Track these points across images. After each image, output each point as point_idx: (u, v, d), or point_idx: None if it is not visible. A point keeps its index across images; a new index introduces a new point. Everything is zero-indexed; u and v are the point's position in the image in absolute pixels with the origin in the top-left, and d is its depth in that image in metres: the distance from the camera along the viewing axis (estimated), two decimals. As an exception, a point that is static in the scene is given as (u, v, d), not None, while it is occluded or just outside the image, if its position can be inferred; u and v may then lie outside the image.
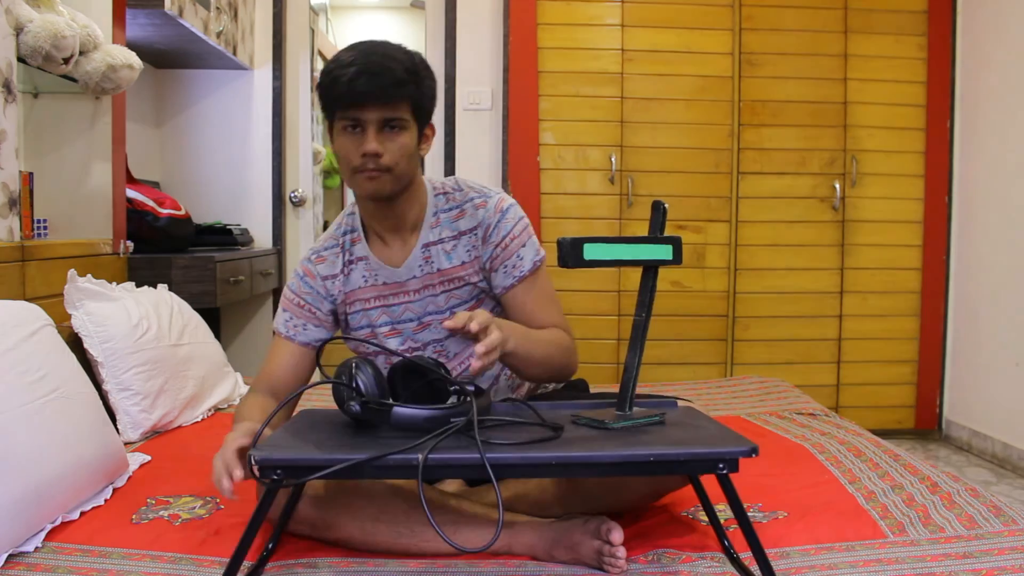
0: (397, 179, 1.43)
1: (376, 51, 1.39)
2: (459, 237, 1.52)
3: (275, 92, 3.49)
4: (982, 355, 3.31)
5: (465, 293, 1.53)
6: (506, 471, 1.09)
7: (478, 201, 1.53)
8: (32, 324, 1.53)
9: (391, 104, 1.38)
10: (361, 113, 1.38)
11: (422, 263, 1.52)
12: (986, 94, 3.30)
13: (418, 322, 1.54)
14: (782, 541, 1.33)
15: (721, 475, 1.05)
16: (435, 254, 1.52)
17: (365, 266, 1.54)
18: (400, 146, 1.41)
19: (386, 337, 1.55)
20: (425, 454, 1.03)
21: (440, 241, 1.52)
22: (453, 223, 1.53)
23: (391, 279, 1.53)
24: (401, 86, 1.38)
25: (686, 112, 3.44)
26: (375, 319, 1.55)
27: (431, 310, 1.53)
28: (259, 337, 3.54)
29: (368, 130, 1.39)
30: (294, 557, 1.28)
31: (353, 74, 1.35)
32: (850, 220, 3.47)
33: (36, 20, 1.96)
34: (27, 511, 1.30)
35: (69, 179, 2.36)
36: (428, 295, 1.53)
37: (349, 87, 1.36)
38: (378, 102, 1.37)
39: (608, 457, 1.06)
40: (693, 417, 1.25)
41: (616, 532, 1.20)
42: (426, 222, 1.53)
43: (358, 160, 1.40)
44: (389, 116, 1.39)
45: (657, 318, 3.53)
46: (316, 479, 1.06)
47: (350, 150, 1.41)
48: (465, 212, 1.53)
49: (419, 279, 1.53)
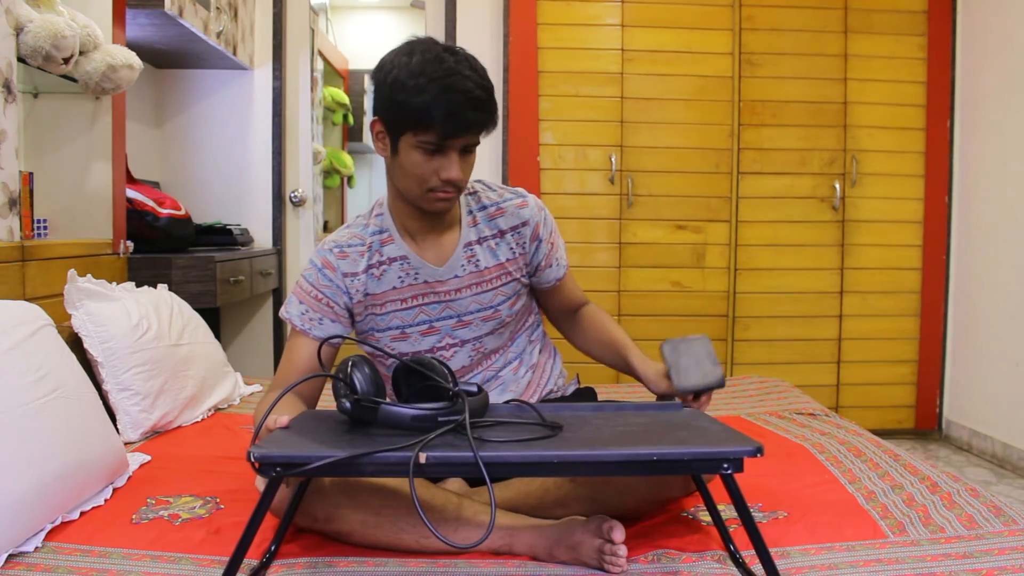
0: (460, 193, 1.46)
1: (464, 75, 1.35)
2: (502, 235, 1.56)
3: (275, 92, 3.49)
4: (982, 355, 3.31)
5: (509, 289, 1.58)
6: (502, 469, 1.08)
7: (517, 201, 1.58)
8: (32, 324, 1.53)
9: (479, 133, 1.40)
10: (454, 142, 1.38)
11: (465, 262, 1.54)
12: (986, 94, 3.30)
13: (458, 319, 1.56)
14: (782, 541, 1.33)
15: (726, 475, 1.05)
16: (479, 252, 1.55)
17: (402, 266, 1.53)
18: (470, 166, 1.45)
19: (422, 336, 1.56)
20: (417, 451, 1.03)
21: (482, 239, 1.55)
22: (491, 221, 1.56)
23: (432, 277, 1.54)
24: (492, 117, 1.39)
25: (686, 112, 3.44)
26: (411, 318, 1.55)
27: (473, 308, 1.56)
28: (259, 337, 3.54)
29: (451, 156, 1.39)
30: (293, 557, 1.28)
31: (467, 103, 1.34)
32: (850, 220, 3.47)
33: (36, 20, 1.96)
34: (27, 511, 1.30)
35: (69, 179, 2.36)
36: (472, 294, 1.55)
37: (460, 118, 1.34)
38: (478, 133, 1.39)
39: (610, 456, 1.05)
40: (697, 418, 1.25)
41: (618, 530, 1.21)
42: (463, 221, 1.55)
43: (436, 182, 1.41)
44: (472, 143, 1.41)
45: (657, 318, 3.55)
46: (304, 473, 1.06)
47: (427, 171, 1.40)
48: (504, 211, 1.56)
49: (461, 278, 1.54)
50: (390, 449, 1.04)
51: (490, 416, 1.26)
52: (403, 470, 1.02)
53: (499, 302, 1.56)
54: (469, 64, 1.38)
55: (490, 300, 1.56)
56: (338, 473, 1.08)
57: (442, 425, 1.12)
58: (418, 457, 1.03)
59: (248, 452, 1.04)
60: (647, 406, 1.34)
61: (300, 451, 1.07)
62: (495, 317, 1.57)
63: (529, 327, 1.70)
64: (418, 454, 1.03)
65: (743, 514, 1.06)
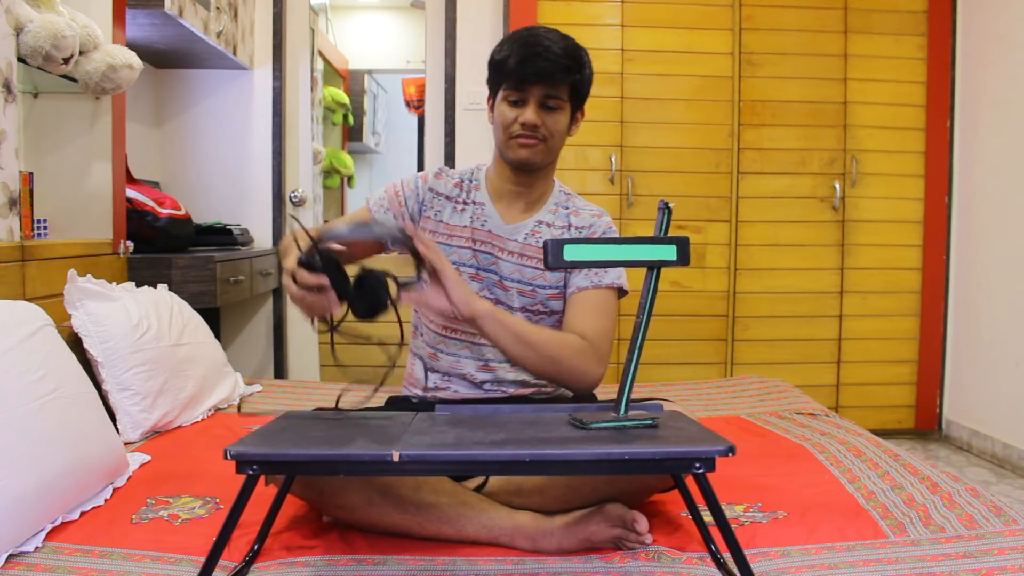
0: (548, 151, 1.61)
1: (548, 36, 1.54)
2: (568, 229, 1.66)
3: (275, 92, 3.49)
4: (982, 355, 3.31)
5: (553, 278, 1.63)
6: (476, 468, 1.10)
7: (595, 212, 1.71)
8: (32, 324, 1.53)
9: (553, 85, 1.54)
10: (527, 90, 1.54)
11: (528, 234, 1.64)
12: (986, 94, 3.30)
13: (500, 279, 1.64)
14: (782, 541, 1.33)
15: (698, 474, 1.05)
16: (544, 233, 1.65)
17: (477, 210, 1.66)
18: (555, 121, 1.58)
19: (470, 279, 1.65)
20: (401, 450, 1.04)
21: (552, 225, 1.66)
22: (568, 216, 1.68)
23: (497, 230, 1.65)
24: (565, 71, 1.53)
25: (686, 112, 3.44)
26: (467, 258, 1.64)
27: (516, 277, 1.63)
28: (259, 337, 3.55)
29: (530, 103, 1.55)
30: (291, 556, 1.28)
31: (529, 55, 1.51)
32: (850, 220, 3.47)
33: (36, 20, 1.95)
34: (27, 511, 1.30)
35: (69, 179, 2.36)
36: (520, 263, 1.63)
37: (521, 66, 1.52)
38: (543, 83, 1.53)
39: (582, 455, 1.06)
40: (675, 419, 1.25)
41: (642, 521, 1.28)
42: (547, 205, 1.69)
43: (516, 128, 1.57)
44: (550, 94, 1.55)
45: (657, 318, 3.54)
46: (279, 471, 1.07)
47: (509, 118, 1.57)
48: (581, 213, 1.69)
49: (520, 244, 1.63)
50: (373, 450, 1.05)
51: (488, 416, 1.27)
52: (379, 468, 1.04)
53: (539, 284, 1.63)
54: (554, 31, 1.57)
55: (531, 277, 1.63)
56: (313, 472, 1.09)
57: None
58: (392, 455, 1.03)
59: (225, 450, 1.05)
60: (632, 407, 1.34)
61: (277, 449, 1.08)
62: (531, 295, 1.63)
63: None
64: (392, 452, 1.03)
65: (716, 514, 1.06)
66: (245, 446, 1.07)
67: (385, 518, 1.32)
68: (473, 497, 1.35)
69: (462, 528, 1.32)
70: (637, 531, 1.27)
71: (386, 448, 1.04)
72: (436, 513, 1.31)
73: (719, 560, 1.26)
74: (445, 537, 1.32)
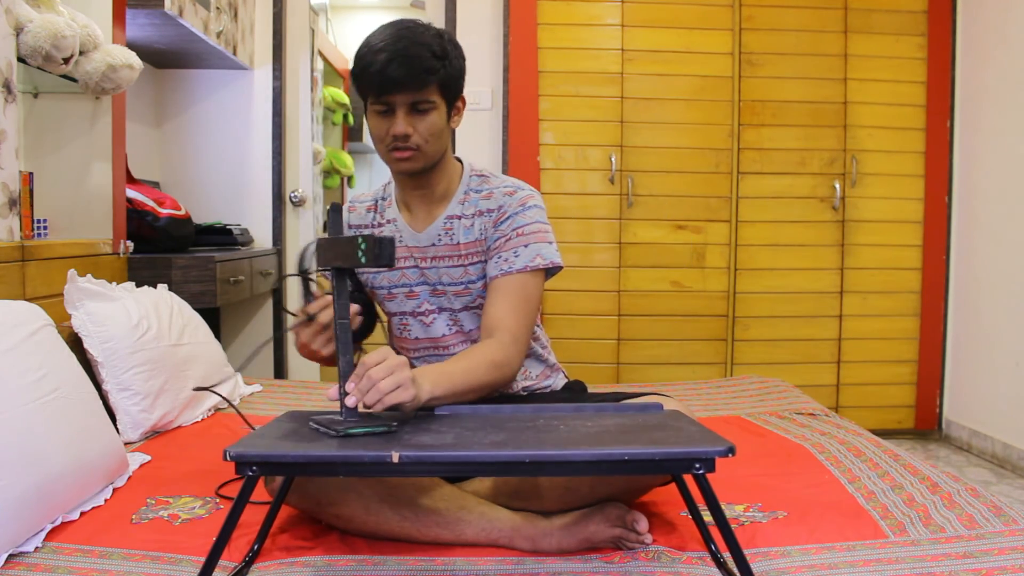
0: (427, 156, 1.53)
1: (404, 36, 1.45)
2: (479, 215, 1.59)
3: (275, 92, 3.49)
4: (982, 355, 3.31)
5: (477, 270, 1.59)
6: (475, 469, 1.10)
7: (507, 189, 1.60)
8: (32, 324, 1.53)
9: (419, 89, 1.46)
10: (391, 98, 1.47)
11: (442, 233, 1.60)
12: (986, 94, 3.30)
13: (432, 288, 1.62)
14: (782, 541, 1.33)
15: (698, 475, 1.05)
16: (456, 227, 1.59)
17: (393, 228, 1.64)
18: (428, 125, 1.50)
19: (406, 298, 1.63)
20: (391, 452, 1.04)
21: (462, 216, 1.60)
22: (479, 202, 1.60)
23: (413, 242, 1.62)
24: (429, 72, 1.46)
25: (686, 112, 3.44)
26: (396, 279, 1.64)
27: (446, 280, 1.60)
28: (259, 337, 3.54)
29: (398, 113, 1.48)
30: (291, 556, 1.28)
31: (383, 62, 1.43)
32: (850, 220, 3.47)
33: (36, 20, 1.95)
34: (27, 511, 1.30)
35: (69, 179, 2.36)
36: (444, 265, 1.60)
37: (380, 75, 1.44)
38: (406, 89, 1.45)
39: (582, 456, 1.06)
40: (676, 418, 1.25)
41: (642, 522, 1.28)
42: (456, 197, 1.61)
43: (390, 140, 1.51)
44: (417, 99, 1.48)
45: (657, 318, 3.55)
46: (278, 472, 1.07)
47: (382, 130, 1.51)
48: (492, 195, 1.60)
49: (438, 247, 1.60)
50: (373, 449, 1.05)
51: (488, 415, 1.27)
52: (378, 469, 1.03)
53: (468, 280, 1.60)
54: (413, 29, 1.47)
55: (460, 276, 1.60)
56: (313, 472, 1.09)
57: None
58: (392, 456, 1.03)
59: (225, 450, 1.05)
60: (628, 407, 1.34)
61: (276, 450, 1.08)
62: (467, 294, 1.61)
63: None
64: (392, 453, 1.03)
65: (716, 514, 1.06)
66: (245, 447, 1.07)
67: (383, 525, 1.32)
68: (471, 500, 1.35)
69: (461, 532, 1.31)
70: (637, 531, 1.27)
71: (385, 449, 1.04)
72: (435, 518, 1.31)
73: (719, 560, 1.26)
74: (444, 541, 1.31)
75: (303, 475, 1.27)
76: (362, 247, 1.11)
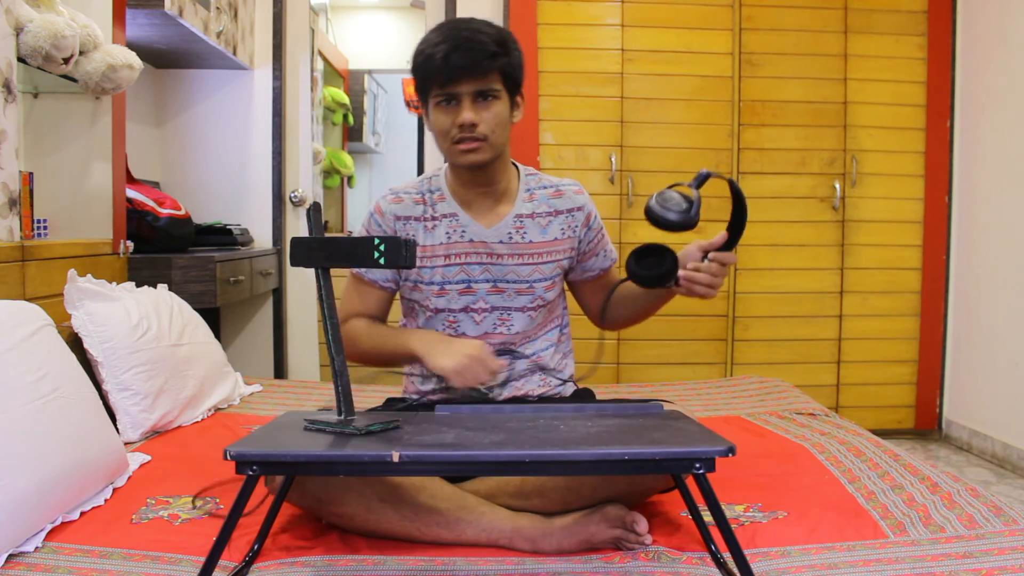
0: (493, 147, 1.53)
1: (464, 27, 1.47)
2: (556, 215, 1.62)
3: (275, 92, 3.49)
4: (982, 355, 3.31)
5: (548, 269, 1.61)
6: (479, 469, 1.10)
7: (575, 188, 1.66)
8: (32, 324, 1.53)
9: (484, 76, 1.46)
10: (455, 87, 1.46)
11: (512, 231, 1.59)
12: (986, 94, 3.30)
13: (494, 284, 1.60)
14: (782, 541, 1.33)
15: (698, 475, 1.05)
16: (528, 226, 1.60)
17: (450, 223, 1.60)
18: (494, 115, 1.50)
19: (459, 294, 1.61)
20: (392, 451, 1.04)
21: (535, 215, 1.61)
22: (550, 200, 1.61)
23: (479, 237, 1.59)
24: (492, 58, 1.46)
25: (686, 112, 3.44)
26: (452, 275, 1.60)
27: (511, 278, 1.60)
28: (259, 337, 3.54)
29: (463, 102, 1.47)
30: (291, 556, 1.28)
31: (446, 50, 1.44)
32: (850, 220, 3.47)
33: (36, 20, 1.95)
34: (27, 511, 1.30)
35: (69, 179, 2.36)
36: (514, 263, 1.59)
37: (444, 63, 1.44)
38: (471, 76, 1.45)
39: (582, 456, 1.06)
40: (676, 419, 1.25)
41: (641, 523, 1.28)
42: (519, 195, 1.62)
43: (455, 132, 1.49)
44: (482, 88, 1.47)
45: (657, 318, 3.51)
46: (279, 472, 1.07)
47: (446, 123, 1.50)
48: (563, 193, 1.64)
49: (507, 245, 1.59)
50: (373, 450, 1.05)
51: (486, 415, 1.27)
52: (378, 469, 1.04)
53: (536, 279, 1.60)
54: (470, 21, 1.49)
55: (529, 274, 1.60)
56: (313, 472, 1.09)
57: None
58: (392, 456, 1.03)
59: (225, 450, 1.05)
60: (629, 407, 1.34)
61: (277, 449, 1.08)
62: (529, 292, 1.61)
63: (553, 335, 1.71)
64: (392, 453, 1.03)
65: (716, 514, 1.06)
66: (245, 446, 1.07)
67: (384, 524, 1.32)
68: (472, 500, 1.35)
69: (461, 532, 1.31)
70: (637, 532, 1.28)
71: (386, 448, 1.04)
72: (435, 518, 1.31)
73: (719, 560, 1.26)
74: (445, 541, 1.32)
75: (303, 474, 1.28)
76: (380, 248, 1.11)
